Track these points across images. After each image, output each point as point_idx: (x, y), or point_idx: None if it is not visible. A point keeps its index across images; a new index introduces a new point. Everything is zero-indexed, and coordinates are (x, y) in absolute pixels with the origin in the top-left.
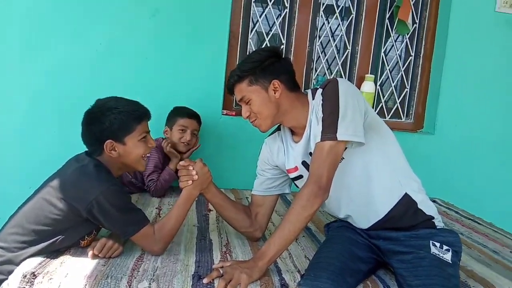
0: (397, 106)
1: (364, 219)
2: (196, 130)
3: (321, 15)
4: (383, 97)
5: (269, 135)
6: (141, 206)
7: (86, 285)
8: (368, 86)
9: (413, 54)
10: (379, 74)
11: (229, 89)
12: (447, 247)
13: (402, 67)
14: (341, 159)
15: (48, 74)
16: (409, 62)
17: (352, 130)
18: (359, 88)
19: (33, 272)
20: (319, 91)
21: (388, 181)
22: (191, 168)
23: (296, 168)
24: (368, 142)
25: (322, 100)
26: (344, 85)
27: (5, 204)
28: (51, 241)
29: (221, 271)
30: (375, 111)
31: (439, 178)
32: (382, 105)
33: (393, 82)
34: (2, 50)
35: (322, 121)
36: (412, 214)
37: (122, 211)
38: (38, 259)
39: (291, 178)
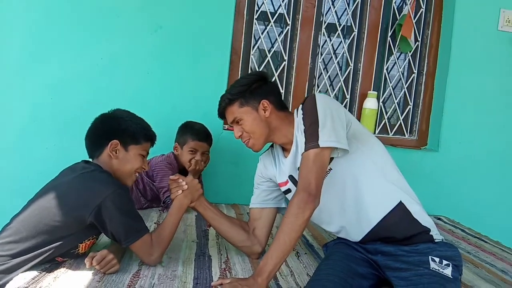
0: (401, 122)
1: (358, 229)
2: (207, 151)
3: (323, 33)
4: (386, 113)
5: (264, 152)
6: None
7: None
8: (371, 102)
9: (416, 72)
10: (382, 91)
11: (220, 113)
12: (447, 262)
13: (405, 84)
14: (329, 170)
15: (49, 87)
16: (412, 79)
17: (334, 137)
18: (362, 105)
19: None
20: (300, 107)
21: (379, 189)
22: (180, 180)
23: (286, 182)
24: (354, 151)
25: (303, 114)
26: (321, 98)
27: (1, 215)
28: (48, 247)
29: None
30: (378, 127)
31: (444, 195)
32: (385, 122)
33: (396, 99)
34: (3, 62)
35: (304, 132)
36: (407, 224)
37: (127, 216)
38: (32, 274)
39: (283, 192)
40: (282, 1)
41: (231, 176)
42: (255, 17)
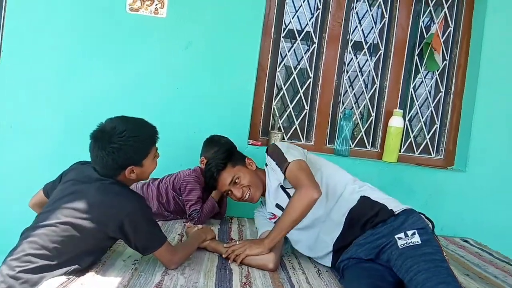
0: (427, 142)
1: (333, 229)
2: None
3: (349, 51)
4: (412, 132)
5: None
6: (164, 232)
7: None
8: (397, 121)
9: (443, 91)
10: (408, 109)
11: (215, 180)
12: (412, 231)
13: (432, 103)
14: None
15: (83, 101)
16: (439, 98)
17: (299, 155)
18: (388, 123)
19: None
20: (266, 155)
21: (339, 193)
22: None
23: (274, 216)
24: (315, 174)
25: (269, 156)
26: (279, 143)
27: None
28: (74, 261)
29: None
30: (403, 146)
31: (471, 217)
32: (411, 140)
33: (422, 118)
34: (44, 75)
35: (277, 165)
36: (368, 209)
37: (150, 225)
38: (59, 280)
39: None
40: (309, 20)
41: None
42: (282, 35)
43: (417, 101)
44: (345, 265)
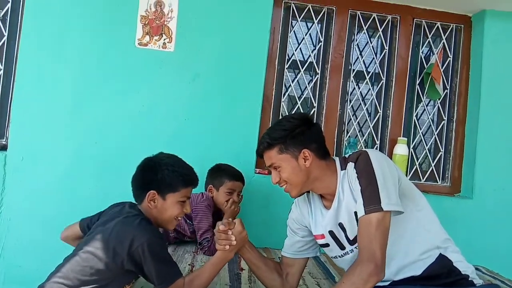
0: (432, 169)
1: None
2: (241, 191)
3: (352, 80)
4: (417, 159)
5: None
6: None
7: None
8: (401, 149)
9: (445, 118)
10: (412, 137)
11: (259, 154)
12: None
13: (435, 131)
14: None
15: (92, 130)
16: (442, 126)
17: (395, 199)
18: (392, 151)
19: None
20: (351, 165)
21: (423, 246)
22: (230, 232)
23: (323, 236)
24: (404, 209)
25: (357, 173)
26: (375, 155)
27: (48, 255)
28: None
29: None
30: (409, 173)
31: (481, 244)
32: (416, 168)
33: (426, 145)
34: (55, 104)
35: (362, 193)
36: (447, 272)
37: (160, 263)
38: None
39: (320, 245)
40: (311, 51)
41: (262, 219)
42: (286, 66)
43: (421, 129)
44: None
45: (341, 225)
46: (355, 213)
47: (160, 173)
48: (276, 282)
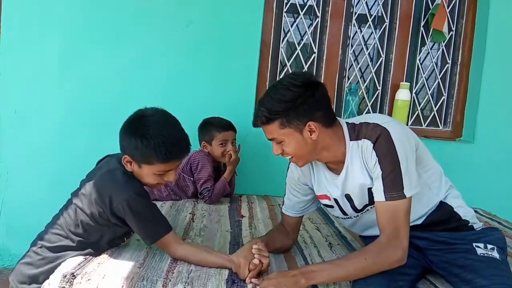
0: (434, 114)
1: None
2: (235, 139)
3: (354, 24)
4: (419, 105)
5: None
6: (175, 212)
7: (122, 286)
8: (404, 94)
9: (450, 62)
10: (415, 82)
11: (256, 126)
12: (491, 246)
13: (439, 75)
14: None
15: (84, 82)
16: (445, 70)
17: (415, 181)
18: (394, 96)
19: (73, 273)
20: (367, 143)
21: (426, 207)
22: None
23: (327, 197)
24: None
25: (377, 156)
26: (397, 135)
27: (44, 210)
28: (89, 245)
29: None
30: (411, 119)
31: (480, 187)
32: (418, 113)
33: (429, 90)
34: (44, 62)
35: (383, 179)
36: (447, 219)
37: (143, 220)
38: (78, 260)
39: (323, 204)
40: None
41: (262, 168)
42: (285, 10)
43: (424, 73)
44: None
45: (347, 196)
46: (369, 189)
47: (133, 142)
48: (285, 242)
